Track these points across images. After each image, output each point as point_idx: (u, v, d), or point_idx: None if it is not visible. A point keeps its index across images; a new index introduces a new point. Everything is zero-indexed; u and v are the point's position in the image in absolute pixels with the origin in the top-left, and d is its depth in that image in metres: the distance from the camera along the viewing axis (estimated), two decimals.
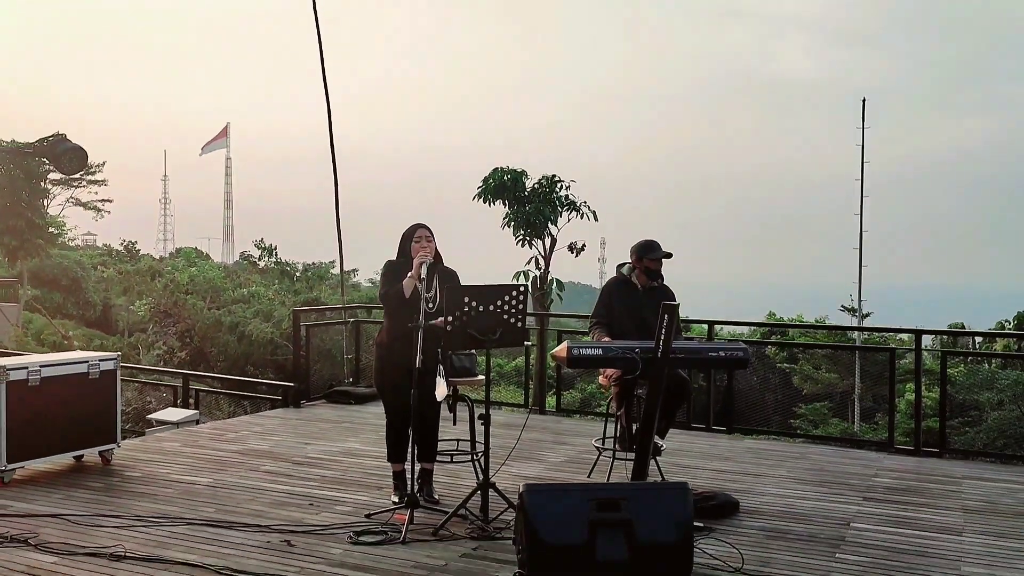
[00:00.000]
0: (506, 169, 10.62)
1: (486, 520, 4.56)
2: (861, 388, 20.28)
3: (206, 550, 4.14)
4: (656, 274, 5.36)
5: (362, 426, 7.35)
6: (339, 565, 3.98)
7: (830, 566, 4.10)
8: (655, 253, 5.35)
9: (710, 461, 6.32)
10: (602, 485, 4.18)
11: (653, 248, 5.38)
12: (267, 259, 24.31)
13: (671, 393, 5.01)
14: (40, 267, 29.49)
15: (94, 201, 35.43)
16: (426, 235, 4.95)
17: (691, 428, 7.57)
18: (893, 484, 5.76)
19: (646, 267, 5.35)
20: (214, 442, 6.67)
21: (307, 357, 8.76)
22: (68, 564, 3.91)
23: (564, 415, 8.81)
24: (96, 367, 5.78)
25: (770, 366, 19.49)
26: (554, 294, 10.71)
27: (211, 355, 20.48)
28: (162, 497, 5.08)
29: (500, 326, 4.57)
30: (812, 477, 5.90)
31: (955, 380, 16.12)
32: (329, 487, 5.38)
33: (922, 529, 4.73)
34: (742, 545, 4.28)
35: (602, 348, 4.72)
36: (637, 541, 3.54)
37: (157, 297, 21.91)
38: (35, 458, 5.45)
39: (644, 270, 5.36)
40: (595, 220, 10.63)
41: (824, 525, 4.76)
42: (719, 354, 4.83)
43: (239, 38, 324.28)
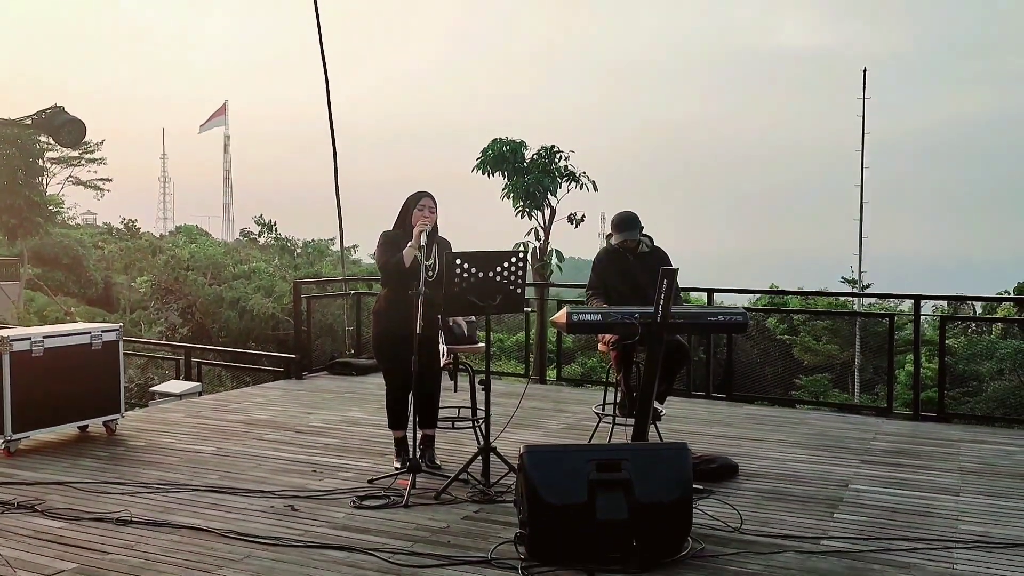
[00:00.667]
0: (505, 140, 10.62)
1: (487, 484, 4.61)
2: (861, 359, 20.35)
3: (211, 514, 4.19)
4: (633, 251, 5.35)
5: (364, 396, 7.39)
6: (342, 528, 4.03)
7: (828, 525, 4.14)
8: (620, 235, 5.31)
9: (709, 427, 6.36)
10: (602, 446, 4.22)
11: (619, 228, 5.31)
12: (267, 235, 24.32)
13: (670, 358, 5.03)
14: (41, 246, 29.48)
15: (94, 180, 35.39)
16: (429, 205, 4.93)
17: (691, 395, 7.61)
18: (891, 447, 5.81)
19: (620, 244, 5.36)
20: (217, 413, 6.72)
21: (309, 329, 8.79)
22: (75, 529, 3.96)
23: (564, 384, 8.86)
24: (99, 338, 5.81)
25: (770, 338, 19.56)
26: (554, 265, 10.74)
27: (213, 331, 20.54)
28: (167, 465, 5.13)
29: (499, 292, 4.59)
30: (810, 441, 5.95)
31: (955, 351, 16.19)
32: (332, 454, 5.42)
33: (920, 490, 4.78)
34: (741, 506, 4.33)
35: (601, 314, 4.73)
36: (637, 501, 3.58)
37: (158, 274, 21.93)
38: (40, 428, 5.50)
39: (620, 245, 5.37)
40: (595, 190, 10.65)
41: (822, 487, 4.81)
42: (718, 318, 4.84)
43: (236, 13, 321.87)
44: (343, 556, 3.66)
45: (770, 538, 3.93)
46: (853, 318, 19.18)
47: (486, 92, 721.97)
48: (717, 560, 3.65)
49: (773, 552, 3.76)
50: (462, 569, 3.53)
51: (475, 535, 3.94)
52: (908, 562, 3.66)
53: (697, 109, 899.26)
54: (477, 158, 10.61)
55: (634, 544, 3.57)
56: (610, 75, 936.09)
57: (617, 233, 5.33)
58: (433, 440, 5.16)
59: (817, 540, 3.92)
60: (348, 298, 9.51)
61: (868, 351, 20.16)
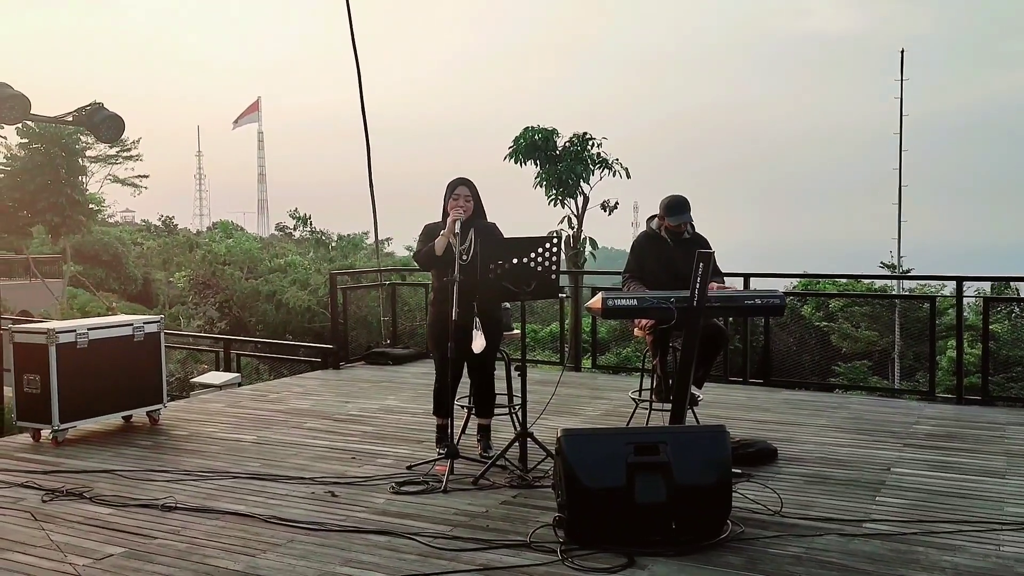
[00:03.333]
0: (537, 128, 10.59)
1: (525, 469, 4.62)
2: (902, 345, 20.01)
3: (253, 501, 4.25)
4: (678, 236, 5.30)
5: (401, 385, 7.44)
6: (382, 513, 4.06)
7: (870, 508, 4.09)
8: (675, 218, 5.26)
9: (747, 412, 6.31)
10: (640, 429, 4.21)
11: (673, 211, 5.26)
12: (302, 229, 24.53)
13: (709, 342, 4.99)
14: (82, 243, 30.07)
15: (131, 178, 35.99)
16: (464, 194, 4.91)
17: (728, 381, 7.56)
18: (934, 431, 5.72)
19: (667, 227, 5.31)
20: (256, 402, 6.81)
21: (345, 319, 8.87)
22: (122, 515, 4.04)
23: (599, 372, 8.84)
24: (140, 330, 5.91)
25: (807, 325, 19.32)
26: (587, 253, 10.71)
27: (250, 324, 20.80)
28: (208, 453, 5.21)
29: (534, 278, 4.58)
30: (851, 426, 5.88)
31: (999, 336, 15.86)
32: (370, 442, 5.47)
33: (964, 473, 4.70)
34: (781, 490, 4.29)
35: (637, 298, 4.72)
36: (676, 483, 3.56)
37: (195, 268, 22.25)
38: (86, 418, 5.61)
39: (666, 229, 5.33)
40: (627, 177, 10.58)
41: (864, 470, 4.75)
42: (755, 301, 4.81)
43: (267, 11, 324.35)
44: (384, 540, 3.69)
45: (811, 521, 3.90)
46: (892, 303, 18.84)
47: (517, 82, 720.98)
48: (757, 543, 3.63)
49: (814, 535, 3.72)
50: (501, 552, 3.55)
51: (514, 519, 3.96)
52: (953, 544, 3.61)
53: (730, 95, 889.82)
54: (509, 147, 10.60)
55: (673, 527, 3.56)
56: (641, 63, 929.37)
57: (669, 216, 5.27)
58: (489, 429, 5.16)
59: (859, 523, 3.88)
60: (383, 289, 9.58)
61: (908, 337, 19.81)
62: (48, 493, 4.34)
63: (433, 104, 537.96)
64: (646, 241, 5.41)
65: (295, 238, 27.04)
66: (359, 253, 23.19)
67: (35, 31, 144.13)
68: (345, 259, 22.49)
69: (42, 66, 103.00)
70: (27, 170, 25.98)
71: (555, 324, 17.50)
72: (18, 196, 24.84)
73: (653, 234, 5.40)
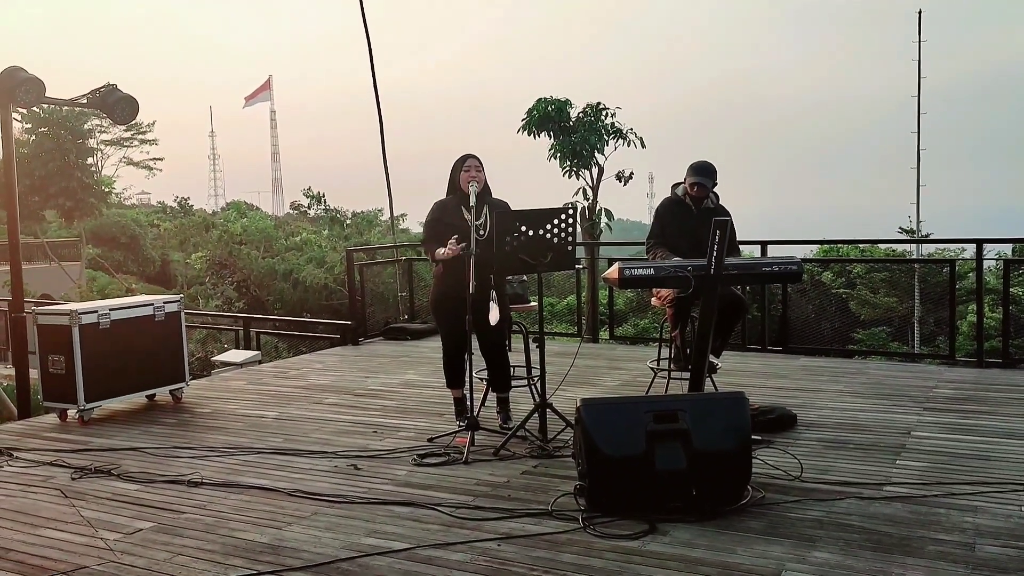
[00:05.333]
0: (550, 99, 10.53)
1: (545, 439, 4.65)
2: (921, 311, 19.88)
3: (277, 475, 4.31)
4: (700, 201, 5.29)
5: (419, 359, 7.49)
6: (405, 484, 4.11)
7: (891, 472, 4.10)
8: (694, 178, 5.24)
9: (766, 379, 6.31)
10: (659, 397, 4.22)
11: (695, 172, 5.26)
12: (316, 207, 24.59)
13: (726, 311, 4.98)
14: (99, 226, 30.25)
15: (146, 160, 36.15)
16: (475, 164, 4.94)
17: (746, 349, 7.55)
18: (954, 394, 5.70)
19: (688, 189, 5.30)
20: (277, 379, 6.88)
21: (363, 295, 8.91)
22: (150, 491, 4.11)
23: (618, 343, 8.85)
24: (161, 310, 5.97)
25: (826, 292, 19.21)
26: (603, 224, 10.68)
27: (268, 303, 20.94)
28: (232, 430, 5.28)
29: (551, 250, 4.59)
30: (870, 391, 5.87)
31: (1020, 299, 15.71)
32: (391, 415, 5.52)
33: (985, 435, 4.69)
34: (801, 455, 4.30)
35: (653, 268, 4.70)
36: (695, 450, 3.58)
37: (212, 249, 22.39)
38: (111, 397, 5.70)
39: (690, 196, 5.31)
40: (642, 147, 10.52)
41: (884, 435, 4.75)
42: (772, 268, 4.79)
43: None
44: (407, 511, 3.74)
45: (831, 485, 3.91)
46: (912, 269, 18.70)
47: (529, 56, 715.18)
48: (778, 508, 3.65)
49: (835, 499, 3.74)
50: (523, 521, 3.59)
51: (535, 489, 4.00)
52: (974, 505, 3.62)
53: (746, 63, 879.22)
54: (522, 119, 10.55)
55: (694, 493, 3.58)
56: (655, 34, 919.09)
57: (693, 176, 5.25)
58: (507, 402, 5.20)
59: (880, 486, 3.89)
60: (399, 264, 9.61)
61: (928, 302, 19.67)
62: (77, 471, 4.42)
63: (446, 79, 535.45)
64: (670, 206, 5.39)
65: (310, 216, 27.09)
66: (374, 230, 23.24)
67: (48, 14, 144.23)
68: (360, 236, 22.54)
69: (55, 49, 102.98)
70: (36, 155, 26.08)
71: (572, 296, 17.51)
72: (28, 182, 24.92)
73: (677, 200, 5.38)
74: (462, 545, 3.34)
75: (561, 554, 3.24)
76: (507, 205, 4.99)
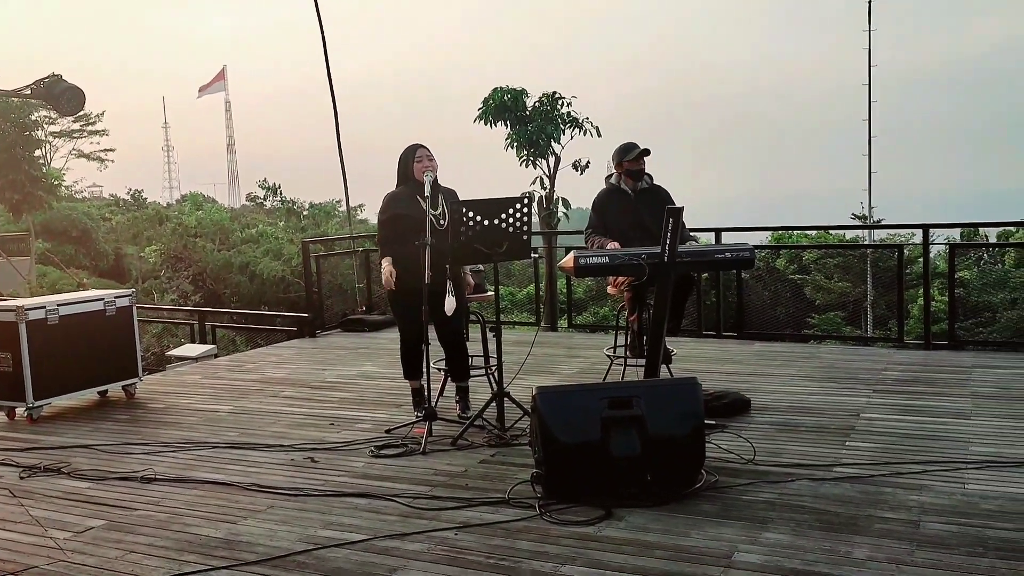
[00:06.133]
0: (506, 89, 10.53)
1: (502, 428, 4.67)
2: (874, 295, 20.28)
3: (232, 469, 4.27)
4: (640, 174, 5.33)
5: (377, 351, 7.46)
6: (362, 476, 4.10)
7: (840, 453, 4.19)
8: (631, 153, 5.30)
9: (721, 364, 6.40)
10: (614, 384, 4.25)
11: (629, 149, 5.33)
12: (272, 199, 24.32)
13: (676, 289, 5.03)
14: (49, 220, 29.56)
15: (96, 152, 35.39)
16: (427, 154, 4.94)
17: (702, 335, 7.65)
18: (903, 376, 5.84)
19: (627, 170, 5.33)
20: (233, 373, 6.80)
21: (319, 288, 8.84)
22: (102, 488, 4.05)
23: (577, 331, 8.90)
24: (112, 304, 5.87)
25: (781, 279, 19.51)
26: (561, 213, 10.72)
27: (224, 296, 20.67)
28: (186, 425, 5.21)
29: (506, 239, 4.59)
30: (822, 374, 5.98)
31: (968, 282, 16.11)
32: (348, 407, 5.50)
33: (931, 416, 4.81)
34: (754, 439, 4.37)
35: (608, 256, 4.74)
36: (650, 436, 3.62)
37: (166, 242, 22.03)
38: (60, 394, 5.59)
39: (627, 173, 5.34)
40: (598, 136, 10.57)
41: (834, 417, 4.85)
42: (725, 255, 4.85)
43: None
44: (364, 503, 3.73)
45: (783, 467, 3.98)
46: (864, 254, 19.06)
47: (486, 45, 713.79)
48: (731, 491, 3.71)
49: (786, 481, 3.81)
50: (481, 510, 3.60)
51: (493, 477, 4.01)
52: (920, 484, 3.71)
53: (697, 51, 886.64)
54: (479, 108, 10.54)
55: (648, 478, 3.63)
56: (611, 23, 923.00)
57: (625, 157, 5.29)
58: (467, 391, 5.20)
59: (830, 467, 3.97)
60: (356, 256, 9.54)
61: (880, 287, 20.08)
62: (25, 470, 4.33)
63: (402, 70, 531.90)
64: (607, 196, 5.44)
65: (266, 208, 26.77)
66: (331, 221, 23.06)
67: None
68: (318, 227, 22.36)
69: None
70: None
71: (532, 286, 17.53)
72: None
73: (613, 188, 5.42)
74: (419, 535, 3.35)
75: (518, 542, 3.26)
76: (456, 194, 5.00)
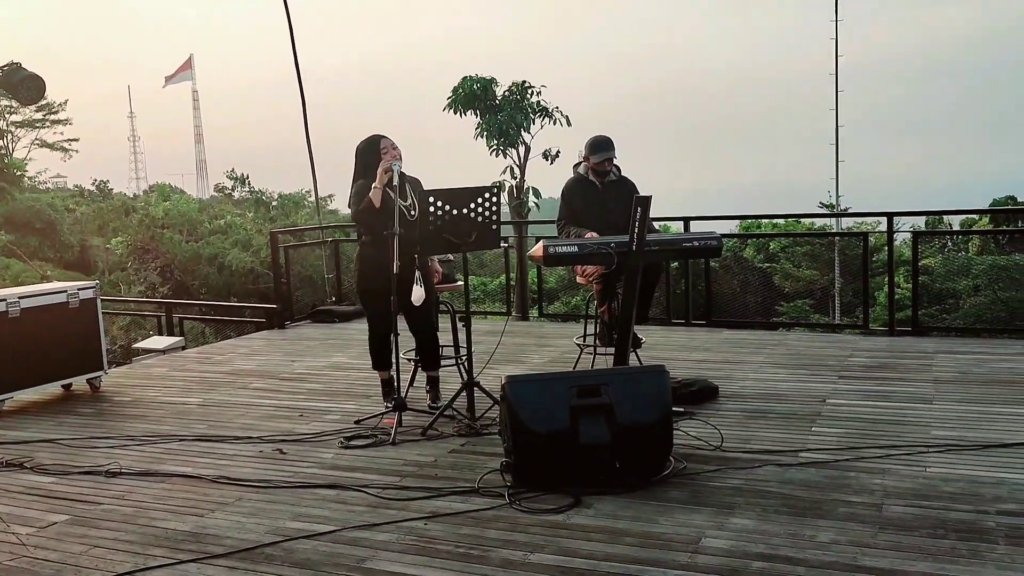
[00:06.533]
0: (475, 78, 10.48)
1: (473, 418, 4.67)
2: (841, 283, 20.54)
3: (201, 462, 4.23)
4: (604, 175, 5.37)
5: (347, 342, 7.42)
6: (331, 468, 4.08)
7: (806, 439, 4.24)
8: (598, 156, 5.33)
9: (689, 352, 6.45)
10: (582, 372, 4.28)
11: (597, 148, 5.35)
12: (241, 189, 24.07)
13: (643, 279, 5.05)
14: (12, 211, 29.01)
15: (60, 142, 34.78)
16: (391, 143, 4.90)
17: (671, 324, 7.70)
18: (868, 362, 5.92)
19: (593, 167, 5.37)
20: (201, 365, 6.74)
21: (288, 279, 8.77)
22: (65, 483, 4.00)
23: (548, 320, 8.92)
24: (75, 296, 5.78)
25: (750, 267, 19.70)
26: (531, 202, 10.72)
27: (193, 288, 20.45)
28: (153, 418, 5.15)
29: (475, 229, 4.58)
30: (790, 361, 6.05)
31: (932, 270, 16.37)
32: (317, 399, 5.47)
33: (895, 401, 4.89)
34: (722, 426, 4.41)
35: (577, 245, 4.76)
36: (618, 424, 3.64)
37: (133, 233, 21.74)
38: (23, 388, 5.50)
39: (592, 170, 5.38)
40: (568, 125, 10.57)
41: (801, 403, 4.91)
42: (693, 243, 4.89)
43: None
44: (333, 494, 3.72)
45: (751, 454, 4.03)
46: (831, 242, 19.29)
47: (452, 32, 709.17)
48: (699, 477, 3.74)
49: (753, 467, 3.85)
50: (450, 499, 3.60)
51: (462, 467, 4.01)
52: (883, 468, 3.77)
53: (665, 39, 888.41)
54: (448, 97, 10.50)
55: (617, 466, 3.65)
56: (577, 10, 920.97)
57: (594, 154, 5.33)
58: (438, 381, 5.19)
59: (796, 453, 4.02)
60: (326, 246, 9.48)
61: (847, 275, 20.35)
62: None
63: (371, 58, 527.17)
64: (575, 186, 5.46)
65: (235, 199, 26.48)
66: (301, 212, 22.87)
67: None
68: (287, 218, 22.18)
69: None
70: None
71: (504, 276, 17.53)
72: None
73: (581, 178, 5.45)
74: (389, 525, 3.34)
75: (487, 530, 3.27)
76: (420, 183, 4.98)
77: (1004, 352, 6.13)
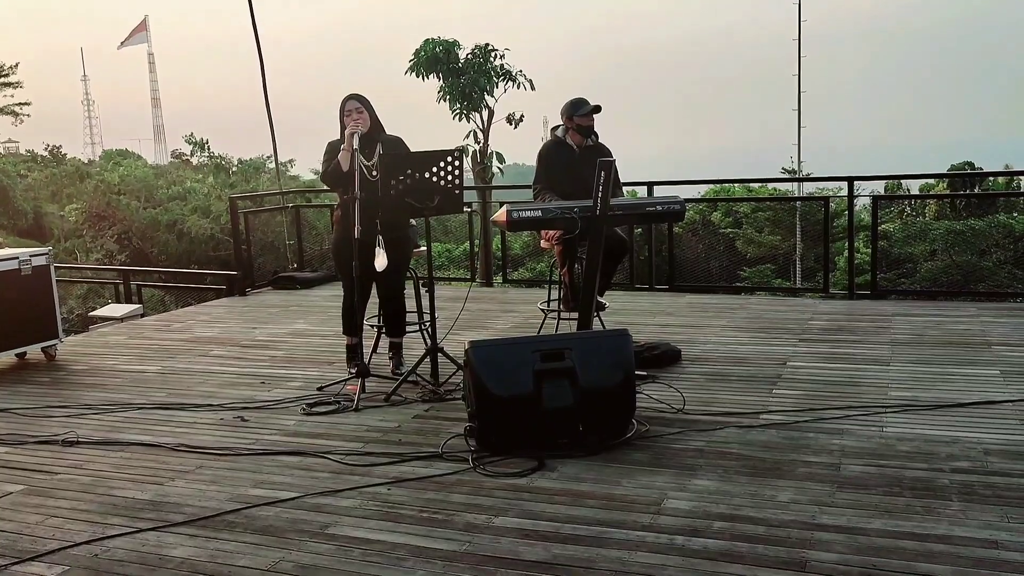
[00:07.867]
0: (438, 40, 10.33)
1: (436, 383, 4.66)
2: (803, 247, 20.78)
3: (160, 431, 4.18)
4: (589, 131, 5.31)
5: (309, 308, 7.34)
6: (293, 434, 4.05)
7: (767, 401, 4.30)
8: (583, 109, 5.29)
9: (653, 317, 6.49)
10: (546, 337, 4.27)
11: (580, 105, 5.31)
12: (200, 154, 23.59)
13: (608, 254, 5.05)
14: None
15: (10, 105, 33.69)
16: (356, 107, 4.81)
17: (634, 288, 7.72)
18: (827, 325, 6.00)
19: (578, 125, 5.31)
20: (160, 333, 6.63)
21: (249, 245, 8.65)
22: (20, 453, 3.92)
23: (512, 286, 8.91)
24: (28, 263, 5.63)
25: (714, 232, 19.84)
26: (495, 168, 10.64)
27: (152, 255, 20.10)
28: (111, 386, 5.07)
29: (438, 193, 4.53)
30: (751, 325, 6.11)
31: (891, 235, 16.61)
32: (279, 366, 5.41)
33: (853, 362, 4.96)
34: (684, 389, 4.45)
35: (541, 210, 4.72)
36: (581, 387, 3.65)
37: (88, 200, 21.25)
38: None
39: (576, 128, 5.32)
40: (532, 89, 10.48)
41: (762, 366, 4.96)
42: (656, 208, 4.88)
43: None
44: (296, 460, 3.69)
45: (712, 416, 4.07)
46: (793, 207, 19.46)
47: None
48: (662, 440, 3.77)
49: (715, 429, 3.89)
50: (414, 464, 3.59)
51: (426, 432, 4.01)
52: (841, 428, 3.83)
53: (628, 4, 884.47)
54: (410, 60, 10.33)
55: (580, 429, 3.66)
56: None
57: (579, 112, 5.26)
58: (400, 347, 5.16)
59: (757, 415, 4.07)
60: (287, 212, 9.34)
61: (809, 239, 20.58)
62: None
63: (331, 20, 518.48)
64: (552, 148, 5.40)
65: (194, 164, 25.97)
66: (262, 177, 22.49)
67: None
68: (247, 184, 21.80)
69: None
70: None
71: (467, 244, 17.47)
72: None
73: (559, 141, 5.39)
74: (352, 491, 3.32)
75: (451, 495, 3.27)
76: (400, 141, 4.89)
77: (959, 315, 6.24)
